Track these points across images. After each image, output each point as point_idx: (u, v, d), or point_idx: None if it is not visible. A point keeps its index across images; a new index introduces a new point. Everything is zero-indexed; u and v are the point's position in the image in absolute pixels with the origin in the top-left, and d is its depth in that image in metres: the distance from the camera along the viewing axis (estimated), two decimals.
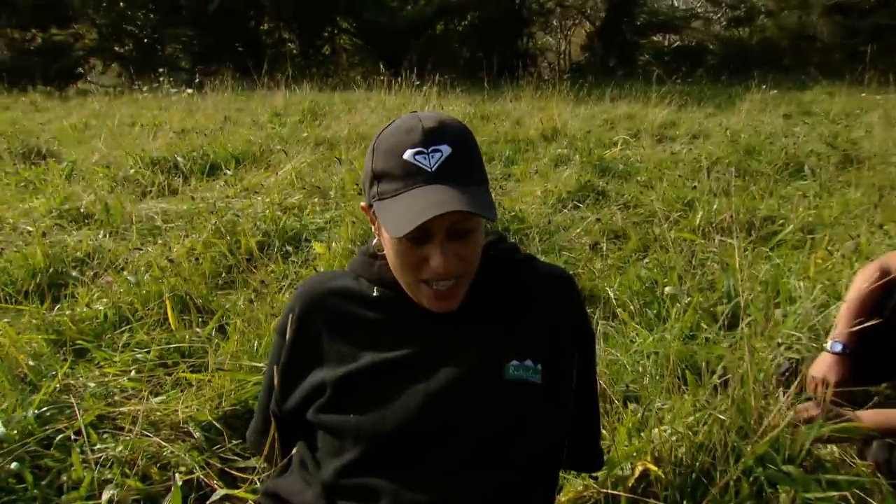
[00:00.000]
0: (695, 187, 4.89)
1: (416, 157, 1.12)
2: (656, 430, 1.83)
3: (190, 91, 11.93)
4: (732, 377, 1.83)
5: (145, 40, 21.19)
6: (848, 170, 5.77)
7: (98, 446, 1.92)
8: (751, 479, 1.72)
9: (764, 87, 10.52)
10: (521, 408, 1.23)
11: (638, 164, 6.27)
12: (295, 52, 22.28)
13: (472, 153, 1.18)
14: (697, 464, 1.75)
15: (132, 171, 5.69)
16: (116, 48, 21.65)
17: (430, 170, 1.12)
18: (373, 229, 1.27)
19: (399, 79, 10.46)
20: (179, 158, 6.07)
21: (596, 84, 13.07)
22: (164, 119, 8.67)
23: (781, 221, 4.23)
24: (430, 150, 1.13)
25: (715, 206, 4.36)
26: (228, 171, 5.85)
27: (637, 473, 1.70)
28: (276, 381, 1.33)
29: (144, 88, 13.11)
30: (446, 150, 1.13)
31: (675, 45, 25.65)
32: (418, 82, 10.36)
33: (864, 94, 10.41)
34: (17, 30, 20.92)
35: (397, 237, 1.10)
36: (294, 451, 1.40)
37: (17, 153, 6.53)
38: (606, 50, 23.97)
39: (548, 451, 1.30)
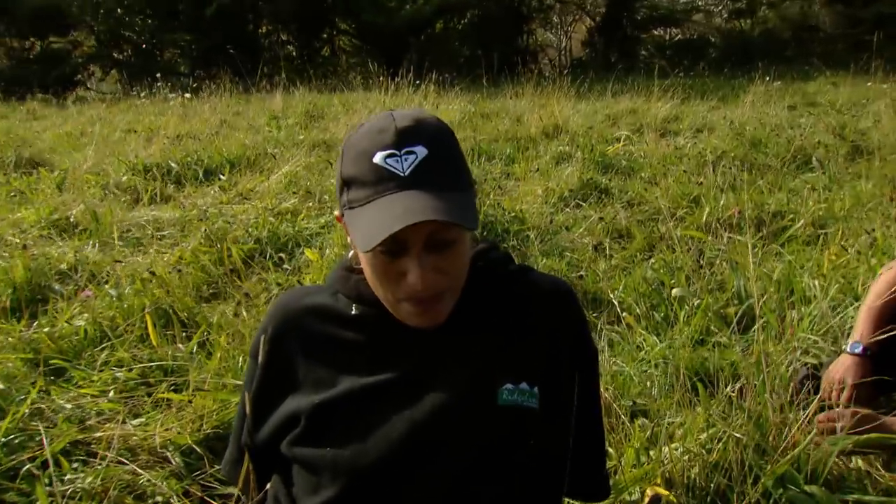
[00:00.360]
0: (700, 183, 4.75)
1: (388, 160, 1.00)
2: (666, 448, 1.70)
3: (188, 96, 11.83)
4: (748, 389, 1.69)
5: (143, 46, 21.08)
6: (857, 161, 5.62)
7: (68, 476, 1.79)
8: (770, 501, 1.58)
9: (767, 78, 10.35)
10: (517, 436, 1.10)
11: (641, 159, 6.12)
12: (293, 54, 22.19)
13: (451, 154, 1.05)
14: (712, 486, 1.61)
15: (124, 178, 5.56)
16: (115, 54, 21.54)
17: (402, 174, 0.99)
18: (349, 241, 1.14)
19: (398, 79, 10.33)
20: (173, 164, 5.95)
21: (597, 79, 12.91)
22: (160, 125, 8.55)
23: (791, 216, 4.09)
24: (402, 152, 1.00)
25: (722, 202, 4.23)
26: (223, 177, 5.73)
27: (647, 500, 1.56)
28: (247, 410, 1.20)
29: (142, 94, 13.01)
30: (421, 151, 1.00)
31: (677, 38, 25.45)
32: (417, 82, 10.23)
33: (869, 84, 10.23)
34: (16, 38, 20.84)
35: (365, 251, 0.97)
36: (269, 485, 1.28)
37: (10, 162, 6.42)
38: (607, 45, 23.80)
39: (547, 483, 1.17)
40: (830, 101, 9.46)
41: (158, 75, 13.87)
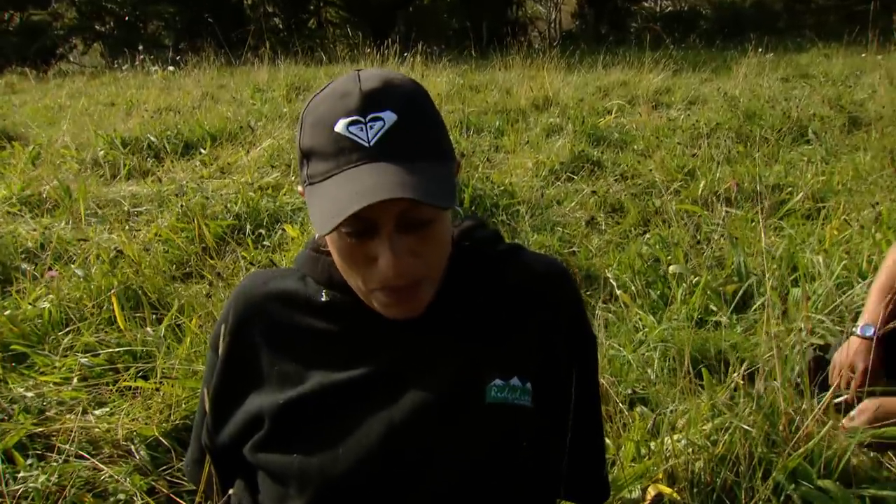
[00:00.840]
0: (695, 155, 4.62)
1: (351, 128, 0.84)
2: (668, 440, 1.57)
3: (171, 69, 11.57)
4: (759, 374, 1.57)
5: (126, 18, 20.66)
6: (854, 133, 5.49)
7: (21, 474, 1.66)
8: (782, 497, 1.46)
9: (760, 50, 10.19)
10: (508, 438, 0.96)
11: (634, 132, 5.98)
12: (279, 26, 21.81)
13: (425, 120, 0.89)
14: (718, 481, 1.49)
15: (101, 152, 5.38)
16: (97, 27, 21.10)
17: (367, 144, 0.84)
18: None
19: (385, 51, 10.11)
20: (152, 138, 5.76)
21: (588, 52, 12.72)
22: (141, 98, 8.33)
23: (790, 189, 3.96)
24: (368, 118, 0.85)
25: (718, 175, 4.09)
26: (203, 151, 5.55)
27: (650, 498, 1.43)
28: (206, 408, 1.07)
29: (124, 67, 12.72)
30: (389, 117, 0.85)
31: (668, 10, 25.19)
32: (405, 54, 10.02)
33: (864, 55, 10.07)
34: None
35: (324, 234, 0.82)
36: (231, 490, 1.14)
37: None
38: (598, 17, 23.51)
39: (541, 487, 1.04)
40: (824, 73, 9.32)
41: (141, 48, 13.54)
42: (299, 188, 0.98)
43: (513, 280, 1.05)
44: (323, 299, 1.03)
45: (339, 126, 0.85)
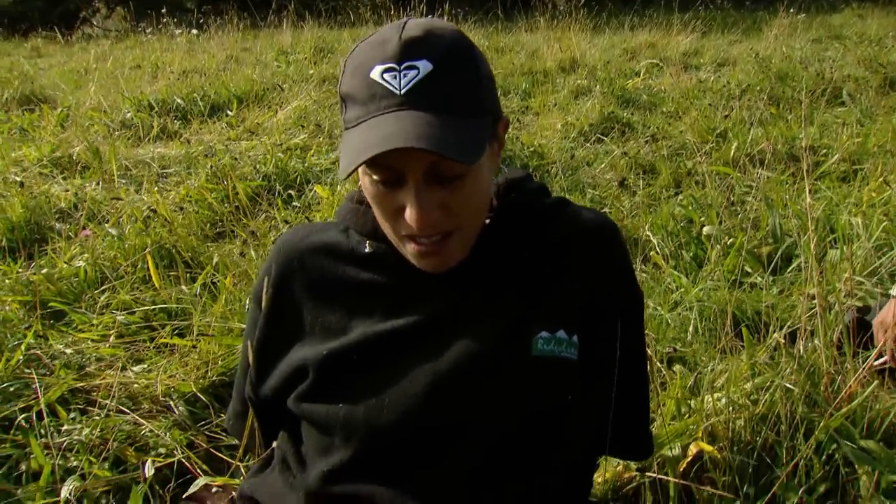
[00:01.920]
0: (727, 116, 4.53)
1: (385, 75, 0.84)
2: (709, 398, 1.56)
3: (195, 32, 11.53)
4: (800, 333, 1.54)
5: None
6: (890, 94, 5.36)
7: (65, 427, 1.68)
8: (823, 457, 1.45)
9: (791, 10, 9.96)
10: (553, 391, 0.95)
11: (663, 94, 5.88)
12: None
13: (463, 73, 0.87)
14: (759, 440, 1.47)
15: (129, 115, 5.38)
16: None
17: (398, 92, 0.83)
18: None
19: (410, 12, 10.01)
20: (179, 101, 5.76)
21: (615, 13, 12.51)
22: (166, 61, 8.31)
23: (825, 151, 3.88)
24: (402, 66, 0.83)
25: (750, 137, 4.02)
26: (230, 112, 5.54)
27: (691, 456, 1.42)
28: (250, 360, 1.07)
29: (148, 31, 12.70)
30: (424, 66, 0.83)
31: None
32: (430, 16, 9.92)
33: None
34: None
35: (343, 179, 0.82)
36: (275, 443, 1.15)
37: (12, 99, 6.24)
38: None
39: (586, 440, 1.04)
40: (858, 34, 9.09)
41: (164, 11, 13.49)
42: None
43: (560, 233, 1.03)
44: (367, 250, 1.02)
45: (375, 73, 0.84)
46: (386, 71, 0.84)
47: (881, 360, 1.71)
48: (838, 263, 2.33)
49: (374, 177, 0.86)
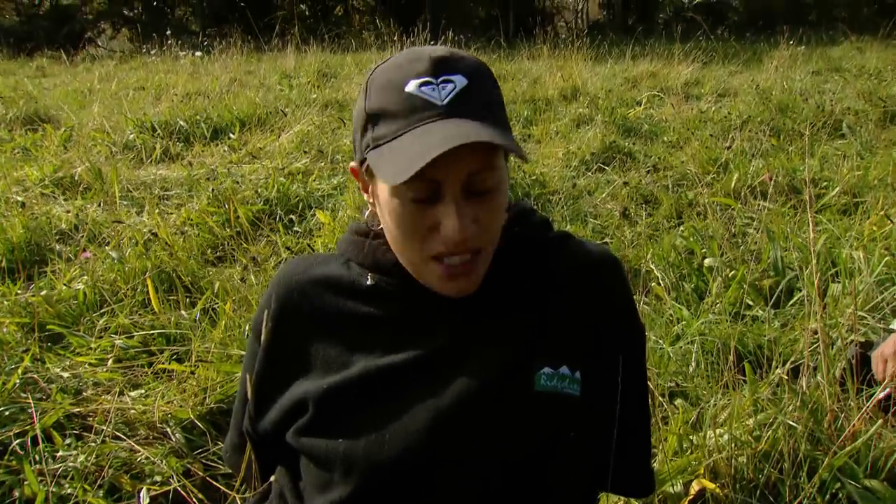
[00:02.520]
0: (728, 147, 4.55)
1: (423, 88, 0.84)
2: (711, 434, 1.54)
3: (199, 54, 11.61)
4: (804, 370, 1.53)
5: (154, 3, 20.79)
6: (890, 128, 5.40)
7: (60, 453, 1.66)
8: (827, 496, 1.43)
9: (791, 42, 10.05)
10: (555, 428, 0.94)
11: (664, 123, 5.91)
12: (306, 13, 21.83)
13: (492, 90, 0.90)
14: (762, 477, 1.46)
15: (132, 136, 5.40)
16: (125, 12, 21.27)
17: (440, 103, 0.84)
18: (366, 197, 0.99)
19: (413, 38, 10.08)
20: (182, 122, 5.79)
21: (616, 42, 12.61)
22: (170, 83, 8.36)
23: (825, 184, 3.89)
24: (439, 80, 0.85)
25: (751, 168, 4.03)
26: (233, 135, 5.56)
27: (693, 493, 1.41)
28: (249, 394, 1.06)
29: (153, 52, 12.79)
30: (460, 80, 0.85)
31: (696, 1, 24.90)
32: (433, 42, 9.99)
33: None
34: None
35: (399, 182, 0.81)
36: (273, 477, 1.13)
37: (16, 118, 6.27)
38: (625, 7, 23.32)
39: (587, 477, 1.02)
40: (858, 67, 9.16)
41: (169, 33, 13.59)
42: (352, 164, 0.97)
43: (563, 267, 1.03)
44: (368, 283, 1.01)
45: (411, 86, 0.85)
46: (423, 84, 0.85)
47: (884, 392, 1.70)
48: (840, 298, 2.32)
49: (410, 194, 0.86)
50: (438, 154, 0.77)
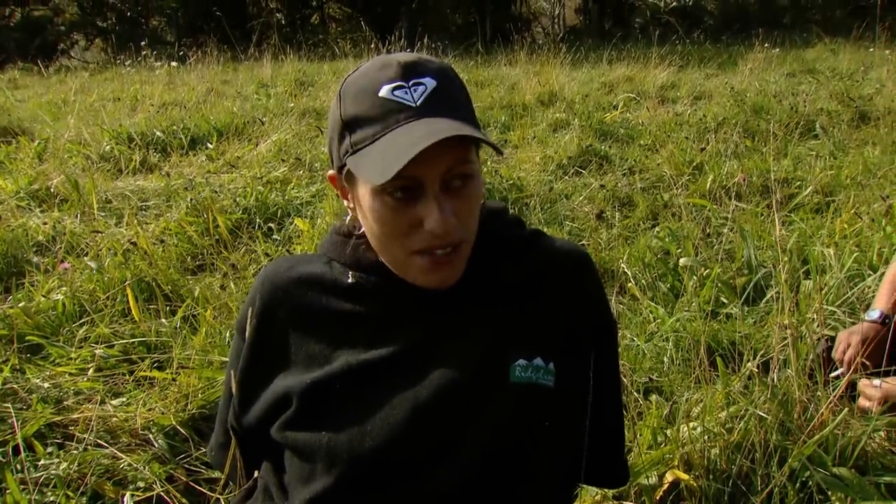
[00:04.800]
0: (703, 149, 4.61)
1: (395, 92, 0.88)
2: (685, 427, 1.58)
3: (174, 64, 11.56)
4: (773, 363, 1.57)
5: (128, 14, 20.69)
6: (862, 128, 5.48)
7: (42, 462, 1.67)
8: (797, 484, 1.47)
9: (766, 45, 10.17)
10: (531, 417, 0.97)
11: (640, 127, 5.97)
12: (282, 22, 21.81)
13: (460, 91, 0.95)
14: (734, 468, 1.50)
15: (108, 147, 5.38)
16: (99, 22, 21.14)
17: (414, 104, 0.88)
18: (346, 203, 1.01)
19: (389, 46, 10.11)
20: (158, 133, 5.77)
21: (593, 47, 12.71)
22: (146, 93, 8.33)
23: (798, 184, 3.96)
24: (410, 83, 0.89)
25: (726, 169, 4.09)
26: (210, 145, 5.55)
27: (666, 484, 1.44)
28: (233, 390, 1.08)
29: (127, 63, 12.71)
30: (430, 82, 0.89)
31: (672, 5, 25.14)
32: (408, 49, 10.02)
33: (871, 50, 10.04)
34: None
35: (384, 181, 0.84)
36: (257, 473, 1.15)
37: None
38: (601, 12, 23.48)
39: (562, 468, 1.05)
40: (831, 68, 9.29)
41: (143, 43, 13.53)
42: (330, 172, 1.00)
43: (536, 263, 1.06)
44: (349, 281, 1.04)
45: (384, 91, 0.88)
46: (395, 88, 0.89)
47: (837, 371, 1.75)
48: (811, 294, 2.37)
49: (393, 193, 0.89)
50: (424, 148, 0.81)
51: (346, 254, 1.05)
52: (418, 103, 0.87)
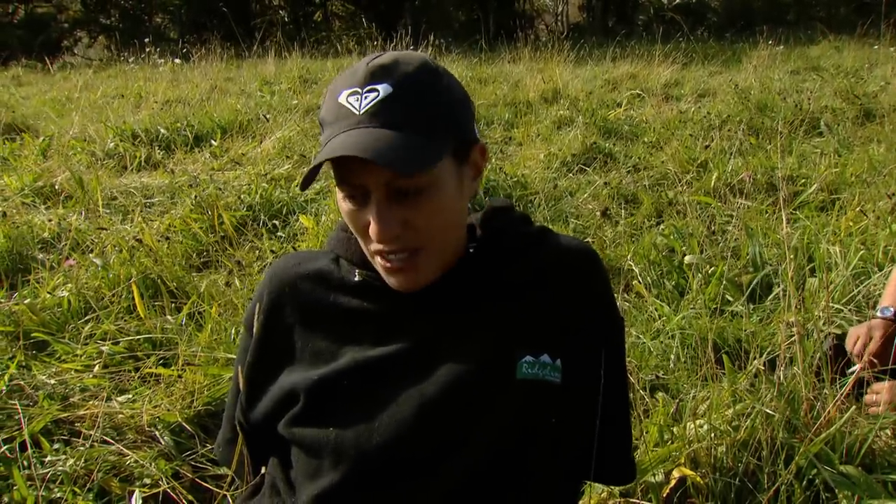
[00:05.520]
0: (707, 147, 4.60)
1: (349, 98, 0.89)
2: (691, 425, 1.58)
3: (178, 61, 11.56)
4: (780, 361, 1.57)
5: (131, 11, 20.68)
6: (866, 125, 5.47)
7: (49, 458, 1.67)
8: (804, 482, 1.47)
9: (770, 42, 10.14)
10: (538, 413, 0.98)
11: (644, 124, 5.96)
12: (285, 19, 21.79)
13: (423, 95, 0.91)
14: (741, 466, 1.49)
15: (112, 144, 5.38)
16: (102, 19, 21.12)
17: (357, 113, 0.88)
18: None
19: (393, 43, 10.09)
20: (163, 130, 5.77)
21: (596, 44, 12.68)
22: (149, 90, 8.33)
23: (803, 181, 3.95)
24: (364, 90, 0.89)
25: (730, 167, 4.08)
26: (214, 142, 5.56)
27: (673, 482, 1.44)
28: (241, 385, 1.08)
29: (131, 60, 12.71)
30: (385, 89, 0.88)
31: (676, 2, 25.06)
32: (412, 46, 10.00)
33: (876, 47, 10.01)
34: None
35: (303, 189, 0.87)
36: (264, 469, 1.15)
37: None
38: (605, 9, 23.43)
39: (569, 464, 1.05)
40: (835, 66, 9.27)
41: (147, 40, 13.52)
42: None
43: (542, 260, 1.06)
44: (356, 279, 1.04)
45: (342, 97, 0.90)
46: (350, 94, 0.89)
47: (854, 367, 1.74)
48: (817, 291, 2.37)
49: (342, 194, 0.91)
50: (319, 163, 0.84)
51: (353, 251, 1.05)
52: (361, 112, 0.87)
